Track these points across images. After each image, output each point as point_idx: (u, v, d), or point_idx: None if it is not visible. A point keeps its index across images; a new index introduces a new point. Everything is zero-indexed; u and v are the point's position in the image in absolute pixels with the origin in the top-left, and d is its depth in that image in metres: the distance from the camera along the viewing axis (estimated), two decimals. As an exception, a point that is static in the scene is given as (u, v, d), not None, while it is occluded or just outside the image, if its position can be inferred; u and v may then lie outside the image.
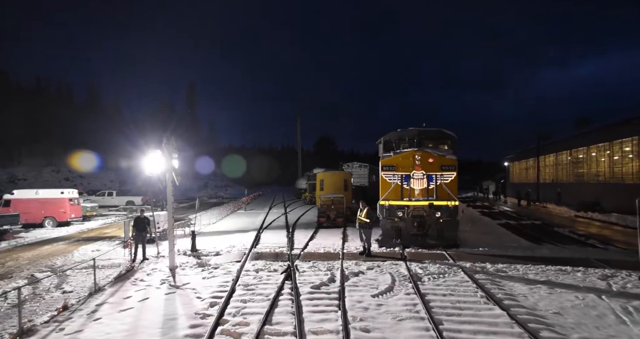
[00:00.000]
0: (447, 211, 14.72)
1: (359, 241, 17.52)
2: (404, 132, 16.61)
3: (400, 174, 15.39)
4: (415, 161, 15.29)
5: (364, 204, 13.83)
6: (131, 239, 13.55)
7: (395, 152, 16.13)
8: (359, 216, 13.69)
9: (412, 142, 16.33)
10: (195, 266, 12.24)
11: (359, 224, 13.68)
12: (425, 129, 16.60)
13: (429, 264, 11.97)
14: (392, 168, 15.70)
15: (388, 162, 15.85)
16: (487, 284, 9.81)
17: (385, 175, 15.85)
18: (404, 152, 15.70)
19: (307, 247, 15.52)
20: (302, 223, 23.93)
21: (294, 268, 11.62)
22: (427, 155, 15.30)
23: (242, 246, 15.94)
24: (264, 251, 14.73)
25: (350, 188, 24.22)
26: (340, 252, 14.31)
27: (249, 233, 19.67)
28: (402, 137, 16.63)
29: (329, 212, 21.94)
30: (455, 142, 16.55)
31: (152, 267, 12.48)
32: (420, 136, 16.23)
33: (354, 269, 11.57)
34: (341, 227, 21.43)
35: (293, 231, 20.19)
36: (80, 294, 9.68)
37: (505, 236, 18.67)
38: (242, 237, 18.54)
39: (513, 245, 15.81)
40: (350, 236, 18.50)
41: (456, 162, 15.57)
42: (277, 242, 17.04)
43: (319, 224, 22.12)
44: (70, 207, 24.09)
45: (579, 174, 33.57)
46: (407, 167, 15.41)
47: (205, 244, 16.64)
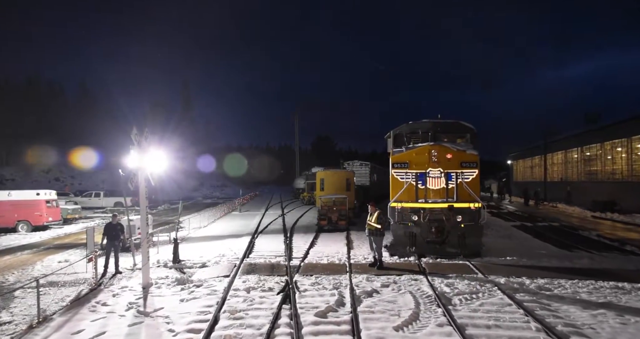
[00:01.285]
0: (469, 215, 12.63)
1: (365, 247, 15.47)
2: (417, 125, 14.51)
3: (414, 172, 13.29)
4: (431, 157, 13.20)
5: (374, 207, 11.71)
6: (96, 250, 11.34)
7: (407, 148, 14.03)
8: (369, 221, 11.58)
9: (426, 135, 14.24)
10: (174, 283, 10.08)
11: (368, 230, 11.57)
12: (440, 120, 14.50)
13: (455, 280, 9.86)
14: (405, 165, 13.60)
15: (400, 159, 13.75)
16: (536, 309, 7.72)
17: (396, 173, 13.75)
18: (418, 147, 13.60)
19: (308, 257, 13.40)
20: (301, 226, 21.81)
21: (293, 286, 9.49)
22: (444, 150, 13.22)
23: (233, 255, 13.80)
24: (258, 261, 12.59)
25: (353, 188, 22.14)
26: (347, 263, 12.20)
27: (242, 239, 17.53)
28: (415, 130, 14.52)
29: (330, 215, 19.82)
30: (475, 135, 14.45)
31: (122, 284, 10.31)
32: (435, 128, 14.15)
33: (366, 286, 9.45)
34: (344, 231, 19.35)
35: (291, 236, 18.06)
36: (20, 326, 7.51)
37: (527, 241, 16.60)
38: (234, 243, 16.40)
39: (541, 252, 13.74)
40: (356, 242, 16.39)
41: (478, 158, 13.49)
42: (274, 249, 14.91)
43: (320, 227, 20.01)
44: (47, 209, 21.86)
45: (591, 172, 31.59)
46: (421, 164, 13.32)
47: (192, 252, 14.49)
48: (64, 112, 62.43)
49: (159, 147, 17.89)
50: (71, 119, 60.54)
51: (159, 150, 17.75)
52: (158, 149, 17.79)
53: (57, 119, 60.23)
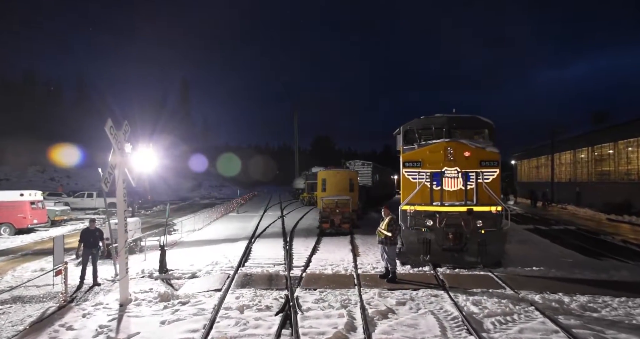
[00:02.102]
0: (490, 220, 11.22)
1: (372, 254, 14.08)
2: (430, 120, 13.12)
3: (428, 172, 11.91)
4: (447, 155, 11.82)
5: (387, 212, 10.31)
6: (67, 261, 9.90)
7: (420, 145, 12.64)
8: (380, 229, 10.17)
9: (440, 131, 12.86)
10: (156, 299, 8.66)
11: (380, 239, 10.17)
12: (456, 115, 13.10)
13: (482, 297, 8.46)
14: (417, 164, 12.21)
15: (411, 157, 12.36)
16: (588, 338, 6.34)
17: (407, 173, 12.36)
18: (432, 144, 12.21)
19: (310, 265, 12.01)
20: (301, 229, 20.41)
21: (295, 303, 8.10)
22: (462, 147, 11.83)
23: (227, 264, 12.39)
24: (254, 271, 11.17)
25: (357, 189, 20.74)
26: (354, 273, 10.80)
27: (238, 243, 16.12)
28: (427, 125, 13.12)
29: (333, 217, 18.43)
30: (494, 131, 13.06)
31: (98, 300, 8.90)
32: (450, 123, 12.76)
33: (379, 304, 8.07)
34: (348, 235, 17.97)
35: (291, 241, 16.65)
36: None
37: (547, 246, 15.22)
38: (229, 249, 14.99)
39: (568, 260, 12.36)
40: (361, 247, 15.00)
41: (499, 156, 12.11)
42: (272, 256, 13.51)
43: (322, 230, 18.63)
44: (32, 211, 20.43)
45: (603, 172, 30.22)
46: (436, 162, 11.93)
47: (182, 259, 13.08)
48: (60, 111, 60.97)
49: (149, 145, 16.56)
50: (67, 117, 59.08)
51: (149, 148, 16.42)
52: (147, 146, 16.48)
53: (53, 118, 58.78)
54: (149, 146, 16.47)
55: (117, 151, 8.46)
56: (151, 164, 16.38)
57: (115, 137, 8.32)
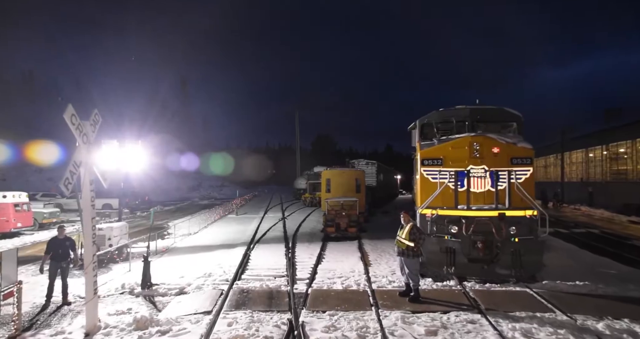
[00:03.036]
0: (525, 225, 9.56)
1: (384, 262, 12.44)
2: (450, 112, 11.46)
3: (452, 171, 10.25)
4: (473, 152, 10.16)
5: (407, 218, 8.65)
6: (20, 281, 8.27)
7: (440, 140, 10.97)
8: (399, 237, 8.51)
9: (462, 125, 11.21)
10: (131, 326, 7.00)
11: (399, 250, 8.50)
12: (480, 107, 11.45)
13: (531, 323, 6.79)
14: (438, 162, 10.55)
15: (431, 154, 10.70)
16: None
17: (427, 172, 10.70)
18: (455, 139, 10.55)
19: (316, 278, 10.37)
20: (304, 233, 18.76)
21: (300, 333, 6.46)
22: (490, 142, 10.18)
23: (222, 275, 10.75)
24: (252, 286, 9.52)
25: (364, 189, 19.09)
26: (368, 289, 9.15)
27: (235, 250, 14.47)
28: (447, 118, 11.46)
29: (338, 220, 16.78)
30: (522, 125, 11.39)
31: (62, 326, 7.27)
32: (473, 116, 11.11)
33: (405, 334, 6.42)
34: (355, 240, 16.33)
35: (293, 246, 15.00)
36: None
37: (579, 254, 13.56)
38: (225, 256, 13.35)
39: (611, 272, 10.73)
40: (371, 255, 13.36)
41: (533, 152, 10.45)
42: (273, 265, 11.88)
43: (327, 234, 16.99)
44: (16, 214, 18.80)
45: (619, 171, 28.55)
46: (460, 160, 10.28)
47: (172, 270, 11.43)
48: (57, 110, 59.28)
49: (138, 142, 14.91)
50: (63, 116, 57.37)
51: (137, 145, 14.77)
52: (136, 143, 14.83)
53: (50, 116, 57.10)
54: (138, 143, 14.89)
55: (82, 145, 6.79)
56: (140, 162, 14.80)
57: (79, 128, 6.65)
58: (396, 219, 23.84)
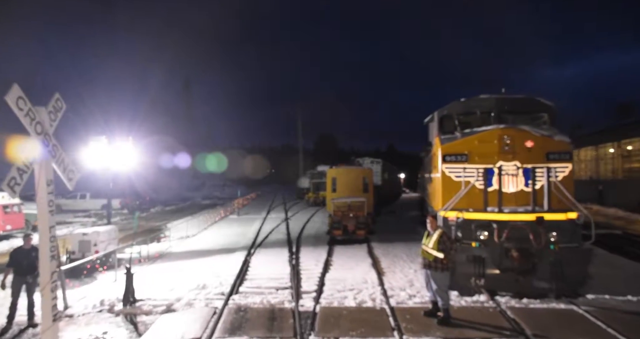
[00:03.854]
0: (567, 231, 8.08)
1: (398, 269, 10.98)
2: (474, 102, 9.99)
3: (479, 168, 8.78)
4: (503, 146, 8.72)
5: (434, 223, 7.16)
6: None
7: (464, 133, 9.49)
8: (424, 247, 7.02)
9: (487, 116, 9.74)
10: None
11: (425, 261, 7.02)
12: (507, 96, 9.97)
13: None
14: (462, 158, 9.10)
15: (454, 149, 9.25)
16: None
17: (449, 169, 9.25)
18: (481, 132, 9.08)
19: (325, 290, 8.92)
20: (308, 235, 17.32)
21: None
22: (523, 135, 8.73)
23: (218, 287, 9.32)
24: (250, 302, 8.07)
25: (372, 189, 17.61)
26: (386, 305, 7.69)
27: (234, 255, 13.04)
28: (471, 109, 9.98)
29: (345, 223, 15.31)
30: (555, 116, 9.93)
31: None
32: (500, 106, 9.64)
33: (442, 374, 4.94)
34: (364, 243, 14.88)
35: (298, 251, 13.54)
36: None
37: (611, 259, 12.09)
38: (223, 263, 11.91)
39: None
40: (383, 261, 11.92)
41: (571, 147, 8.98)
42: (275, 274, 10.44)
43: (333, 237, 15.54)
44: (5, 216, 17.43)
45: (632, 169, 26.99)
46: (488, 155, 8.83)
47: (162, 280, 10.00)
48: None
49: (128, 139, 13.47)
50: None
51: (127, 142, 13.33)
52: (126, 140, 13.39)
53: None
54: (129, 140, 13.46)
55: (35, 137, 5.31)
56: (131, 161, 13.38)
57: (30, 114, 5.18)
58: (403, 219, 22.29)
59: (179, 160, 53.04)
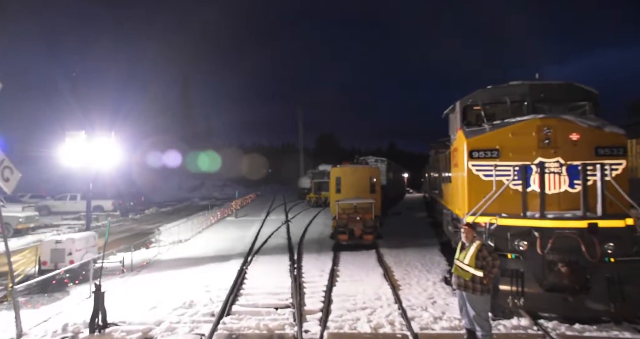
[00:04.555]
0: (626, 241, 6.69)
1: (414, 281, 9.63)
2: (502, 90, 8.62)
3: (514, 165, 7.41)
4: (542, 139, 7.37)
5: (472, 233, 5.76)
6: None
7: (493, 125, 8.12)
8: (458, 262, 5.64)
9: (519, 106, 8.40)
10: None
11: (460, 281, 5.63)
12: (542, 82, 8.60)
13: None
14: (493, 153, 7.75)
15: (483, 144, 7.89)
16: None
17: (477, 167, 7.89)
18: (516, 123, 7.71)
19: (332, 309, 7.56)
20: (311, 240, 15.96)
21: None
22: (567, 126, 7.37)
23: (208, 304, 7.97)
24: (244, 326, 6.70)
25: (379, 189, 16.22)
26: (408, 331, 6.32)
27: (229, 264, 11.68)
28: (499, 98, 8.60)
29: (352, 226, 13.95)
30: (597, 104, 8.54)
31: None
32: (535, 94, 8.28)
33: None
34: (372, 249, 13.53)
35: (299, 259, 12.17)
36: None
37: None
38: (216, 274, 10.55)
39: None
40: (397, 271, 10.56)
41: (626, 139, 7.59)
42: (274, 288, 9.09)
43: (338, 242, 14.18)
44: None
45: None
46: (525, 150, 7.48)
47: (143, 296, 8.64)
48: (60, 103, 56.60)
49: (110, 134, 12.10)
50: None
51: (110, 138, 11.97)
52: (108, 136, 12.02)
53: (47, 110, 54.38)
54: (111, 135, 12.09)
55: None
56: (112, 158, 12.01)
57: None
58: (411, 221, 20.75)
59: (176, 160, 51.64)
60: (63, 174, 28.68)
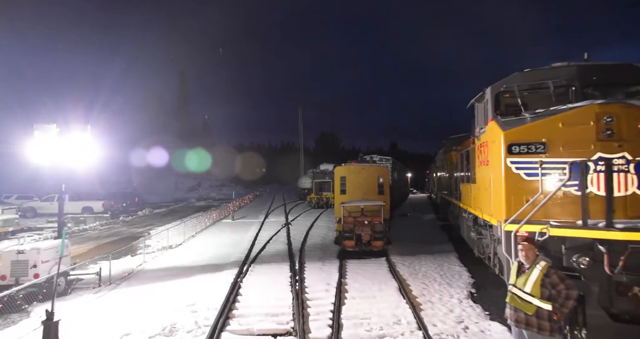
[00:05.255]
0: None
1: (436, 298, 8.22)
2: (543, 74, 7.18)
3: (568, 162, 6.00)
4: (602, 130, 5.96)
5: (533, 251, 4.35)
6: None
7: (536, 114, 6.72)
8: (517, 289, 4.22)
9: (564, 92, 6.99)
10: None
11: (518, 316, 4.20)
12: (593, 63, 7.19)
13: None
14: (538, 148, 6.39)
15: (524, 136, 6.53)
16: None
17: (517, 164, 6.51)
18: (568, 111, 6.31)
19: (343, 337, 6.15)
20: (313, 245, 14.53)
21: None
22: (636, 113, 5.97)
23: (193, 330, 6.57)
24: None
25: (388, 190, 14.81)
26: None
27: (222, 275, 10.26)
28: (540, 83, 7.16)
29: (359, 231, 12.54)
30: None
31: None
32: (585, 77, 6.88)
33: None
34: (382, 256, 12.13)
35: (302, 269, 10.73)
36: None
37: None
38: (205, 288, 9.13)
39: None
40: (413, 284, 9.16)
41: None
42: (272, 308, 7.68)
43: (343, 248, 12.78)
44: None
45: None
46: (580, 143, 6.09)
47: (114, 320, 7.21)
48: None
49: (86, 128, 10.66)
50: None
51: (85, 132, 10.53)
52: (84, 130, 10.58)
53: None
54: (87, 129, 10.65)
55: None
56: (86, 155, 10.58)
57: None
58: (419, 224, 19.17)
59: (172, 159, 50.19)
60: (32, 173, 26.88)
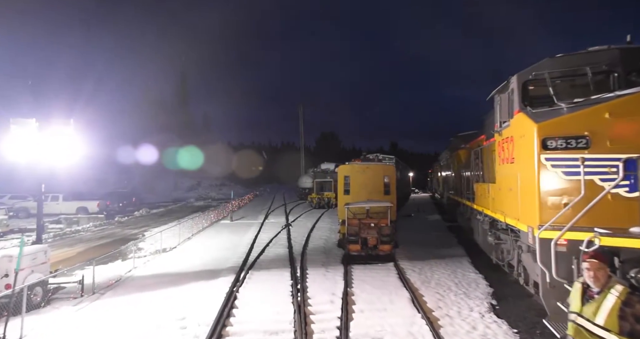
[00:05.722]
0: None
1: (454, 311, 7.32)
2: (579, 59, 6.32)
3: (613, 158, 5.14)
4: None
5: (604, 272, 3.42)
6: None
7: (574, 104, 5.84)
8: (585, 320, 3.32)
9: (604, 79, 6.16)
10: None
11: None
12: (635, 46, 6.31)
13: None
14: (580, 142, 5.54)
15: (560, 129, 5.70)
16: None
17: (554, 162, 5.66)
18: (615, 99, 5.45)
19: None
20: (316, 249, 13.65)
21: None
22: (696, 102, 5.07)
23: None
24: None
25: (394, 190, 13.91)
26: None
27: (217, 283, 9.38)
28: (575, 69, 6.29)
29: (365, 235, 11.67)
30: None
31: None
32: (628, 60, 6.04)
33: None
34: (389, 260, 11.26)
35: (303, 276, 9.85)
36: None
37: None
38: (198, 298, 8.26)
39: None
40: (427, 294, 8.29)
41: None
42: (271, 322, 6.83)
43: (347, 252, 11.90)
44: None
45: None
46: (630, 138, 5.21)
47: (97, 331, 6.33)
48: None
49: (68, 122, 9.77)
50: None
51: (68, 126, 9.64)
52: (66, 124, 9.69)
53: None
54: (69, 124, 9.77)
55: None
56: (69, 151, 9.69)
57: None
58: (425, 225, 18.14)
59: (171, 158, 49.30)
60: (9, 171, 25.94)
